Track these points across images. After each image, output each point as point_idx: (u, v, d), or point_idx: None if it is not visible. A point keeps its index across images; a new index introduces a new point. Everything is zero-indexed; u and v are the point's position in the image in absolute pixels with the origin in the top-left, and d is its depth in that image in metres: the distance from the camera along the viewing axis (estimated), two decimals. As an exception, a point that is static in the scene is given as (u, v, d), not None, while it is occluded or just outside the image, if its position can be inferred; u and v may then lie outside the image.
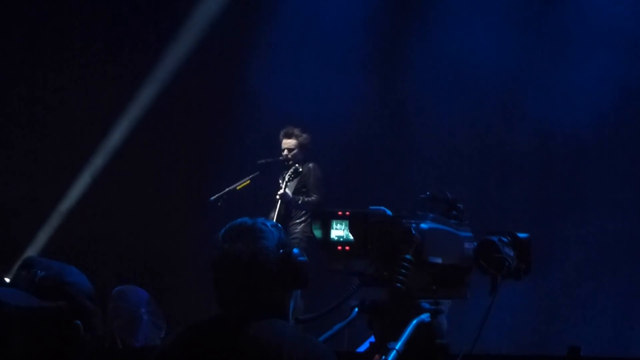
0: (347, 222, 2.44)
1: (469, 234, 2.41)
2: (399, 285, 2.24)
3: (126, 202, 9.22)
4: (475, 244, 2.39)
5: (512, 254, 2.37)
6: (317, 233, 2.53)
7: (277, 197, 7.66)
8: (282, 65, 9.01)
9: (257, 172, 7.96)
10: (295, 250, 2.55)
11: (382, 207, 2.38)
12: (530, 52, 8.43)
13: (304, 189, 7.73)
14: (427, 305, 2.36)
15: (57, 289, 2.24)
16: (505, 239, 2.39)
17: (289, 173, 7.73)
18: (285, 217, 7.62)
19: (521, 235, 2.42)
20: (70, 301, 2.23)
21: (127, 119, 9.05)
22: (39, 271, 2.26)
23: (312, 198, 7.65)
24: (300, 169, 7.71)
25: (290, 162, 7.81)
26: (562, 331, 7.86)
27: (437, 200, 2.40)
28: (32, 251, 8.75)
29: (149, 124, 9.07)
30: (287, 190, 7.64)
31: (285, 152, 7.83)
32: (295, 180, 7.74)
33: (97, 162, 9.03)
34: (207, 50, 9.05)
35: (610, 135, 8.15)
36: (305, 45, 8.98)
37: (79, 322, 2.23)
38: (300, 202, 7.64)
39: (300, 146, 7.83)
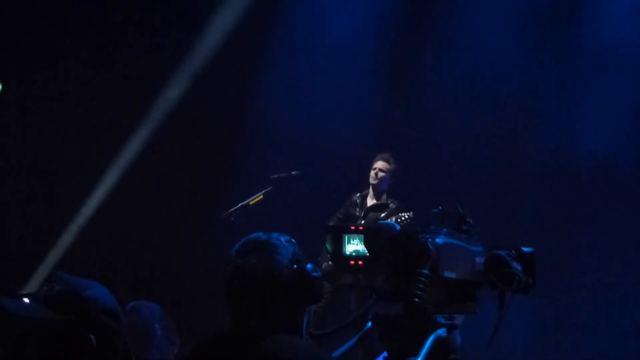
0: (362, 236, 2.44)
1: (480, 249, 2.41)
2: (417, 300, 2.25)
3: (139, 217, 9.25)
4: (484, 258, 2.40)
5: (519, 268, 2.38)
6: (329, 247, 2.54)
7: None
8: (295, 81, 9.04)
9: (270, 187, 7.97)
10: (309, 266, 2.57)
11: (392, 222, 2.40)
12: (547, 73, 8.43)
13: None
14: (442, 320, 2.36)
15: (71, 302, 2.25)
16: (510, 252, 2.40)
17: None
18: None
19: (526, 249, 2.43)
20: (82, 315, 2.24)
21: (140, 134, 9.09)
22: (57, 285, 2.29)
23: None
24: (389, 204, 7.55)
25: (375, 183, 7.71)
26: (576, 344, 7.84)
27: (449, 214, 2.41)
28: (46, 267, 8.79)
29: (161, 139, 9.10)
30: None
31: (376, 171, 7.68)
32: (378, 214, 7.56)
33: (111, 177, 9.07)
34: (219, 65, 9.08)
35: (627, 157, 8.11)
36: (317, 61, 9.01)
37: (92, 336, 2.24)
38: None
39: (390, 173, 7.70)
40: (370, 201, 7.73)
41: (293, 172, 7.99)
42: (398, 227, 2.33)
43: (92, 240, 9.09)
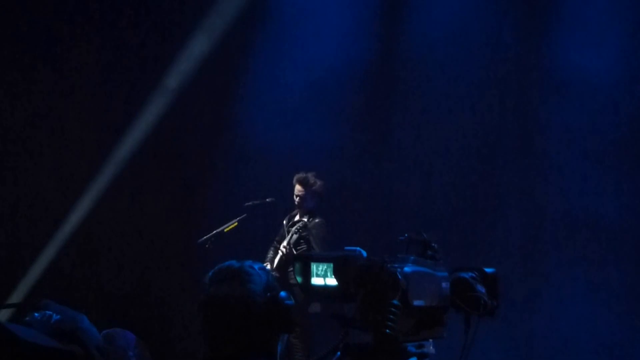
0: (330, 265, 2.44)
1: (445, 274, 2.43)
2: (388, 331, 2.26)
3: (114, 244, 9.22)
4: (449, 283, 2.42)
5: (484, 290, 2.41)
6: (298, 277, 2.55)
7: (282, 250, 7.62)
8: (271, 108, 9.05)
9: (245, 214, 7.97)
10: (283, 294, 2.58)
11: (358, 248, 2.41)
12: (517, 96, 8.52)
13: (302, 241, 7.64)
14: (413, 349, 2.37)
15: (71, 333, 2.29)
16: (474, 274, 2.43)
17: (292, 222, 7.72)
18: (286, 264, 7.60)
19: (488, 270, 2.46)
20: (82, 347, 2.27)
21: (114, 161, 9.09)
22: (55, 314, 2.31)
23: None
24: (306, 221, 7.65)
25: (298, 209, 7.79)
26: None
27: (414, 241, 2.43)
28: (20, 291, 8.77)
29: (136, 164, 9.09)
30: (291, 246, 7.60)
31: (298, 199, 7.80)
32: (298, 232, 7.68)
33: (86, 203, 9.05)
34: (196, 92, 9.10)
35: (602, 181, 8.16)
36: (295, 89, 9.02)
37: None
38: None
39: (312, 194, 7.78)
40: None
41: (267, 200, 8.03)
42: (365, 253, 2.35)
43: (68, 265, 9.06)
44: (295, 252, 7.49)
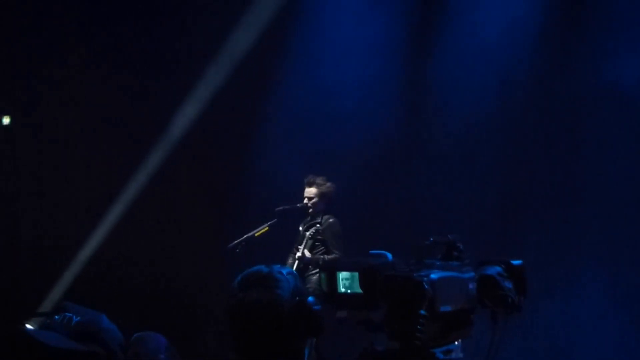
0: (355, 275, 2.43)
1: (472, 274, 2.39)
2: (416, 342, 2.24)
3: (146, 249, 9.28)
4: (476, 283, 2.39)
5: (510, 286, 2.36)
6: (324, 286, 2.53)
7: (296, 257, 7.68)
8: (297, 116, 9.10)
9: (275, 219, 7.99)
10: (310, 299, 2.58)
11: (384, 251, 2.40)
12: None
13: (318, 243, 7.71)
14: (441, 356, 2.35)
15: (93, 334, 2.31)
16: (500, 269, 2.39)
17: (306, 226, 7.79)
18: (304, 268, 7.64)
19: (515, 262, 2.41)
20: (104, 348, 2.29)
21: (147, 167, 9.15)
22: (75, 316, 2.33)
23: (333, 256, 7.61)
24: (319, 223, 7.71)
25: (310, 211, 7.84)
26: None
27: (439, 244, 2.41)
28: (53, 297, 8.84)
29: (169, 171, 9.16)
30: (305, 250, 7.66)
31: (305, 200, 7.85)
32: (313, 237, 7.73)
33: (118, 209, 9.12)
34: (225, 101, 9.15)
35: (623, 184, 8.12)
36: (319, 97, 9.08)
37: None
38: (321, 262, 7.59)
39: (321, 195, 7.83)
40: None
41: (298, 205, 8.03)
42: (390, 256, 2.33)
43: (101, 269, 9.12)
44: (311, 256, 7.58)
